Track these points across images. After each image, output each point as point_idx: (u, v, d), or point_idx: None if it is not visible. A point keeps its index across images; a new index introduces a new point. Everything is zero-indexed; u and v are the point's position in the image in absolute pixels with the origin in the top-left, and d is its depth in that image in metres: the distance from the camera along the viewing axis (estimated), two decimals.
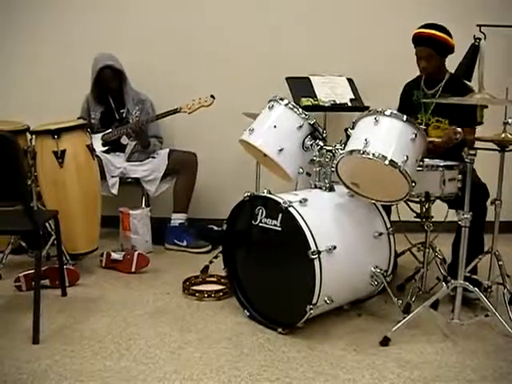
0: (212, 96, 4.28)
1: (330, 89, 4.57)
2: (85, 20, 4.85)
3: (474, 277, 3.24)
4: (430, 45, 3.50)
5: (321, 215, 3.09)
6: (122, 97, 4.61)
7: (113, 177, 4.47)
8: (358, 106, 4.50)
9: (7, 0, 4.85)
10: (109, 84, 4.53)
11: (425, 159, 3.18)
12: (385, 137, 2.96)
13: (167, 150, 4.66)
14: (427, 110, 3.66)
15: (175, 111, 4.33)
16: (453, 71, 3.79)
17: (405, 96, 3.83)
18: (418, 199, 3.33)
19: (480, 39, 4.23)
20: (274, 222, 3.05)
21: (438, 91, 3.64)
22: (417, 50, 3.57)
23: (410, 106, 3.71)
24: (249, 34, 4.84)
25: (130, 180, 4.59)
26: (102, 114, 4.62)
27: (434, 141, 3.37)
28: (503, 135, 3.04)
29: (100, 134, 4.53)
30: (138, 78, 4.67)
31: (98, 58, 4.47)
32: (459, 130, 3.12)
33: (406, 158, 2.86)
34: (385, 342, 2.95)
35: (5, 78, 4.90)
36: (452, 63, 3.75)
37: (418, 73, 3.73)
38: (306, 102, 4.42)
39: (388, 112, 2.98)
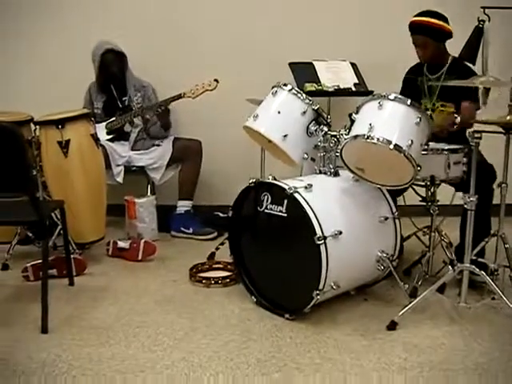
0: (216, 80, 4.26)
1: (334, 74, 4.55)
2: (87, 9, 4.83)
3: (481, 260, 3.23)
4: (424, 32, 3.49)
5: (326, 200, 3.09)
6: (124, 84, 4.61)
7: (118, 165, 4.48)
8: (361, 91, 4.48)
9: None
10: (112, 68, 4.52)
11: (429, 143, 3.17)
12: (389, 121, 2.95)
13: (172, 137, 4.67)
14: (432, 95, 3.65)
15: (179, 97, 4.32)
16: (456, 55, 3.77)
17: (407, 82, 3.81)
18: (423, 183, 3.31)
19: (484, 21, 4.19)
20: (280, 208, 3.05)
21: (441, 75, 3.62)
22: (412, 38, 3.57)
23: (413, 91, 3.68)
24: (251, 20, 4.82)
25: (134, 168, 4.59)
26: (105, 103, 4.62)
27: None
28: (508, 117, 3.03)
29: (104, 123, 4.53)
30: (141, 65, 4.66)
31: (97, 45, 4.48)
32: (458, 119, 3.17)
33: (410, 142, 2.85)
34: (392, 326, 2.95)
35: (8, 70, 4.90)
36: (456, 46, 3.73)
37: None
38: (309, 87, 4.40)
39: (392, 96, 2.96)
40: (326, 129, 3.28)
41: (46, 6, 4.84)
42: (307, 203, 2.92)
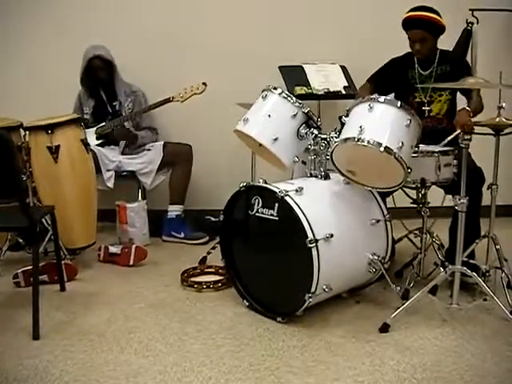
0: (204, 83, 4.27)
1: (324, 77, 4.57)
2: (75, 14, 4.83)
3: (472, 261, 3.24)
4: (423, 27, 3.50)
5: (317, 203, 3.09)
6: (113, 89, 4.61)
7: (108, 170, 4.46)
8: (351, 94, 4.49)
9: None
10: (98, 74, 4.52)
11: (420, 145, 3.17)
12: (379, 123, 2.95)
13: (162, 142, 4.66)
14: (424, 89, 3.66)
15: (168, 100, 4.33)
16: None
17: (394, 71, 3.78)
18: (413, 185, 3.32)
19: (472, 23, 4.22)
20: (271, 211, 3.04)
21: (433, 71, 3.64)
22: (410, 33, 3.57)
23: (404, 84, 3.70)
24: (241, 24, 4.82)
25: (125, 173, 4.58)
26: (95, 108, 4.61)
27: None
28: (498, 119, 3.04)
29: (94, 129, 4.52)
30: (129, 70, 4.66)
31: (88, 49, 4.48)
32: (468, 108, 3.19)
33: (401, 144, 2.85)
34: (384, 328, 2.95)
35: None
36: (445, 48, 3.75)
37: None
38: (299, 90, 4.42)
39: (382, 99, 2.97)
40: (316, 132, 3.28)
41: (35, 11, 4.82)
42: (298, 206, 2.91)
